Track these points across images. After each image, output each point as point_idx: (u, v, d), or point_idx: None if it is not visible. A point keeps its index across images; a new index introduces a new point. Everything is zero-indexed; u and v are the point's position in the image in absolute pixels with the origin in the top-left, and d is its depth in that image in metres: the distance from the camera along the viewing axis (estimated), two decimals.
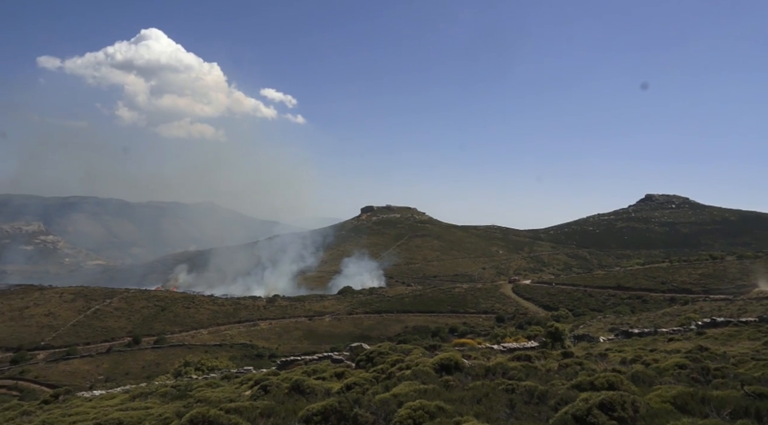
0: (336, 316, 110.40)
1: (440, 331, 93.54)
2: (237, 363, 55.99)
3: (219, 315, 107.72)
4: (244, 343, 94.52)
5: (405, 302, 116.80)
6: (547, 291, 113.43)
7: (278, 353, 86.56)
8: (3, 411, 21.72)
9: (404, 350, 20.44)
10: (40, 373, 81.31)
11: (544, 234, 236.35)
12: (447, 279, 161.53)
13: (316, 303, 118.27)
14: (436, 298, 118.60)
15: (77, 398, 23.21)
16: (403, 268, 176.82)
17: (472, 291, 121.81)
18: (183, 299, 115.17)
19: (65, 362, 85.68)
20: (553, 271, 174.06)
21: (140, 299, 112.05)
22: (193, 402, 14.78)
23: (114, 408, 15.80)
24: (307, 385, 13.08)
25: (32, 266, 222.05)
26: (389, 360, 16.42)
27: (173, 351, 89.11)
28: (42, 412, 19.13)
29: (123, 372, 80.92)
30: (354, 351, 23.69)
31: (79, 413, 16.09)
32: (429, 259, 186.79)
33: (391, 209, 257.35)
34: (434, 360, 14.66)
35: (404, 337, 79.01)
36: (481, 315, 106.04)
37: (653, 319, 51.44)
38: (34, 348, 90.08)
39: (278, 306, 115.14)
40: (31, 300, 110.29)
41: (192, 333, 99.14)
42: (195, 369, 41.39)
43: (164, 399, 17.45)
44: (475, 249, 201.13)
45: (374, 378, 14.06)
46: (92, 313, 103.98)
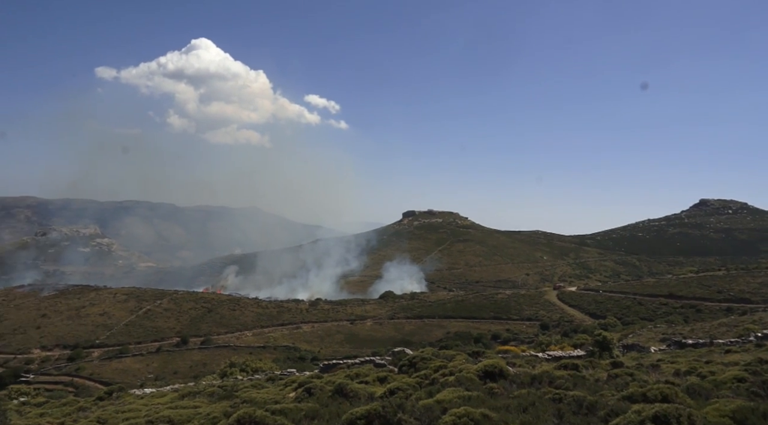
0: (377, 320, 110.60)
1: (482, 337, 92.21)
2: (280, 365, 56.85)
3: (263, 318, 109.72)
4: (287, 345, 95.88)
5: (447, 307, 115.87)
6: (594, 299, 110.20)
7: (320, 356, 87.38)
8: (61, 407, 22.77)
9: (447, 356, 20.26)
10: (94, 371, 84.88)
11: (590, 240, 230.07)
12: (489, 285, 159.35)
13: (357, 307, 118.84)
14: (478, 304, 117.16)
15: (129, 395, 24.09)
16: (444, 273, 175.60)
17: (516, 297, 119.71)
18: (229, 302, 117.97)
19: (118, 360, 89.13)
20: (600, 278, 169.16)
21: (188, 301, 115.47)
22: (239, 403, 15.10)
23: (164, 406, 16.31)
24: (350, 389, 13.15)
25: (89, 268, 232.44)
26: (432, 366, 16.30)
27: (219, 351, 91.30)
28: (97, 408, 19.95)
29: (171, 371, 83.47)
30: (396, 356, 23.65)
31: (131, 410, 16.70)
32: (471, 264, 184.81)
33: (432, 214, 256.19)
34: (478, 367, 14.47)
35: (446, 343, 78.35)
36: (525, 322, 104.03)
37: (708, 329, 49.15)
38: (89, 346, 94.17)
39: (320, 310, 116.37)
40: (87, 300, 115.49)
41: (237, 335, 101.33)
42: (240, 370, 42.27)
43: (211, 398, 17.89)
44: (519, 255, 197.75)
45: (417, 383, 13.99)
46: (143, 313, 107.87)
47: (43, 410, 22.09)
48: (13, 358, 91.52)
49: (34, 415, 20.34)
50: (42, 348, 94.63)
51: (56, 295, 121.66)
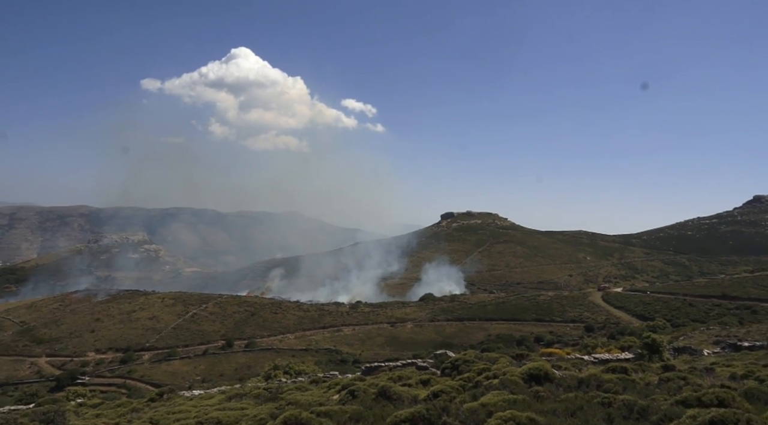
0: (418, 323, 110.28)
1: (525, 340, 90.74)
2: (322, 367, 57.41)
3: (304, 321, 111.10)
4: (328, 348, 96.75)
5: (487, 309, 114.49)
6: (641, 300, 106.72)
7: (361, 358, 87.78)
8: (116, 408, 23.69)
9: (490, 358, 20.04)
10: (145, 373, 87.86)
11: (636, 239, 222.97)
12: (531, 286, 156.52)
13: (397, 310, 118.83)
14: (520, 306, 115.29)
15: (179, 397, 24.84)
16: (484, 275, 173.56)
17: (559, 299, 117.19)
18: (271, 305, 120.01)
19: (167, 362, 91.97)
20: (647, 278, 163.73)
21: (232, 305, 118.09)
22: (284, 405, 15.35)
23: (213, 408, 16.76)
24: (393, 391, 13.18)
25: (138, 273, 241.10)
26: (475, 369, 16.16)
27: (263, 354, 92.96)
28: (149, 409, 20.66)
29: (218, 373, 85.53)
30: (438, 359, 23.55)
31: (181, 411, 17.22)
32: (512, 265, 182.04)
33: (471, 215, 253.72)
34: (522, 370, 14.25)
35: (488, 345, 77.45)
36: (569, 324, 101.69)
37: (766, 331, 46.88)
38: (140, 349, 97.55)
39: (361, 312, 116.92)
40: (137, 305, 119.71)
41: (280, 338, 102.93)
42: (284, 372, 42.93)
43: (257, 400, 18.25)
44: (561, 256, 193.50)
45: (461, 386, 13.89)
46: (190, 317, 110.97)
47: (98, 411, 23.04)
48: (69, 361, 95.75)
49: (91, 416, 21.23)
50: (96, 351, 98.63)
51: (109, 300, 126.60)
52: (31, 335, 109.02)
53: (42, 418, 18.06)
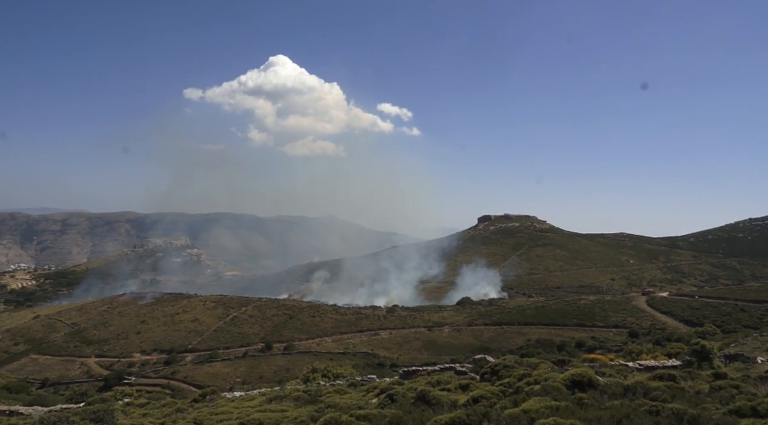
0: (455, 327, 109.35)
1: (566, 345, 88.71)
2: (360, 371, 57.53)
3: (342, 324, 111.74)
4: (365, 352, 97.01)
5: (526, 314, 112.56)
6: (689, 305, 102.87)
7: (399, 362, 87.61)
8: (161, 408, 24.36)
9: (530, 364, 19.67)
10: (188, 374, 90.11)
11: (682, 242, 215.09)
12: (571, 290, 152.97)
13: (434, 314, 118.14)
14: (560, 310, 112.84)
15: (221, 398, 25.35)
16: (523, 279, 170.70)
17: (600, 303, 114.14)
18: (309, 308, 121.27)
19: (209, 364, 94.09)
20: (694, 282, 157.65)
21: (271, 308, 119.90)
22: (323, 407, 15.46)
23: (254, 410, 17.02)
24: (432, 396, 13.09)
25: (181, 277, 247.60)
26: (516, 374, 15.89)
27: (301, 357, 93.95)
28: (193, 410, 21.17)
29: (257, 375, 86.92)
30: (477, 363, 23.27)
31: (224, 412, 17.58)
32: (551, 269, 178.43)
33: (509, 218, 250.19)
34: (565, 376, 13.92)
35: (527, 350, 76.12)
36: (611, 330, 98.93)
37: None
38: (183, 350, 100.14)
39: (398, 316, 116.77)
40: (180, 307, 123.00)
41: (317, 341, 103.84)
42: (322, 375, 43.25)
43: (297, 403, 18.44)
44: (603, 259, 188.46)
45: (501, 391, 13.68)
46: (230, 320, 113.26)
47: (145, 410, 23.75)
48: (117, 361, 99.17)
49: (138, 415, 21.91)
50: (142, 352, 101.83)
51: (153, 303, 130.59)
52: (81, 336, 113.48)
53: (92, 417, 18.73)
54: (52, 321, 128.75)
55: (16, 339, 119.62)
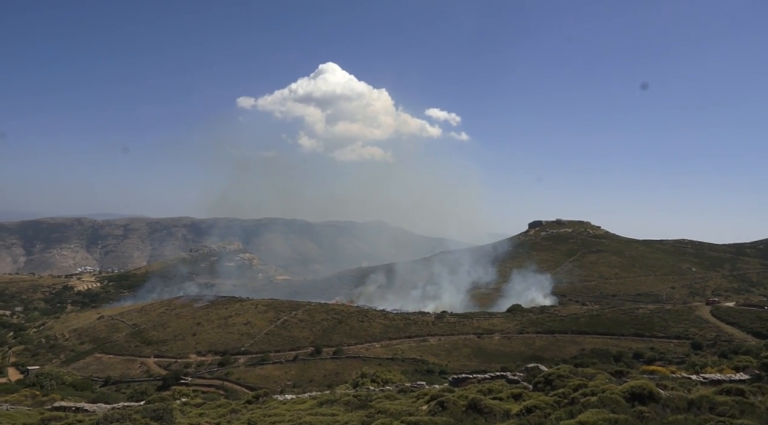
0: (505, 335, 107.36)
1: (623, 356, 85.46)
2: (409, 377, 57.33)
3: (390, 330, 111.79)
4: (414, 358, 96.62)
5: (580, 322, 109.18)
6: (758, 315, 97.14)
7: (448, 369, 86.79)
8: (216, 408, 25.09)
9: (586, 374, 19.03)
10: (241, 375, 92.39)
11: (750, 249, 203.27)
12: (628, 299, 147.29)
13: (484, 321, 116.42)
14: (616, 319, 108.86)
15: (273, 400, 25.84)
16: (576, 286, 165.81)
17: (660, 313, 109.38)
18: (357, 313, 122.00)
19: (260, 367, 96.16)
20: (764, 292, 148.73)
21: (320, 312, 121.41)
22: (374, 413, 15.48)
23: (305, 413, 17.25)
24: (484, 404, 12.86)
25: (234, 280, 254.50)
26: (570, 384, 15.40)
27: (350, 362, 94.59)
28: (246, 411, 21.67)
29: (307, 379, 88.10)
30: (530, 372, 22.73)
31: (276, 414, 17.90)
32: (606, 276, 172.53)
33: (561, 224, 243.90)
34: (624, 388, 13.38)
35: (581, 360, 73.74)
36: (672, 341, 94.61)
37: None
38: (236, 352, 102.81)
39: (446, 323, 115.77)
40: (233, 310, 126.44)
41: (366, 346, 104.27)
42: (371, 380, 43.32)
43: (347, 407, 18.56)
44: (662, 266, 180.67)
45: (555, 402, 13.29)
46: (281, 323, 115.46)
47: (201, 410, 24.52)
48: (174, 362, 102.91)
49: (195, 415, 22.64)
50: (197, 354, 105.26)
51: (208, 305, 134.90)
52: (141, 336, 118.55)
53: (152, 415, 19.49)
54: (114, 321, 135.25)
55: (82, 339, 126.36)
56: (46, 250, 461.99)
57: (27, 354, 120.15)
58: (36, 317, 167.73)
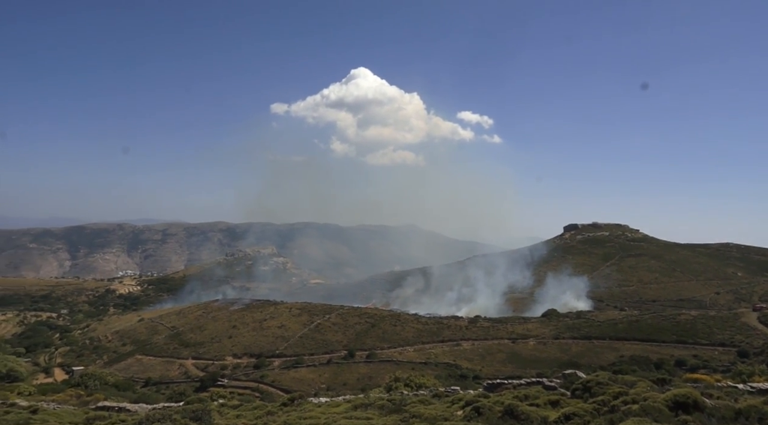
0: (541, 340, 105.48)
1: (664, 363, 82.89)
2: (443, 381, 56.97)
3: (423, 334, 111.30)
4: (447, 363, 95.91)
5: (618, 328, 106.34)
6: None
7: (482, 374, 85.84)
8: (252, 410, 25.46)
9: (626, 381, 18.53)
10: (275, 378, 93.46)
11: None
12: (669, 304, 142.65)
13: (518, 326, 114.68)
14: (656, 325, 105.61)
15: (308, 403, 26.06)
16: (614, 290, 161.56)
17: (703, 319, 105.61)
18: (390, 317, 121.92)
19: (295, 370, 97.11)
20: None
21: (353, 316, 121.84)
22: (408, 417, 15.44)
23: (340, 416, 17.33)
24: (521, 411, 12.67)
25: (268, 284, 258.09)
26: (610, 392, 15.01)
27: (383, 366, 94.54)
28: (282, 413, 21.92)
29: (341, 382, 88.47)
30: (567, 379, 22.27)
31: (311, 417, 18.04)
32: (646, 281, 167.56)
33: (597, 227, 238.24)
34: (667, 396, 12.98)
35: (620, 367, 71.87)
36: (717, 348, 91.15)
37: None
38: (270, 355, 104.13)
39: (480, 327, 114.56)
40: (268, 314, 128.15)
41: (399, 350, 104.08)
42: (404, 384, 43.22)
43: (382, 411, 18.56)
44: (705, 271, 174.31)
45: (594, 409, 12.99)
46: (314, 327, 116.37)
47: (238, 412, 24.92)
48: (211, 364, 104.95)
49: (232, 416, 23.03)
50: (233, 356, 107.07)
51: (243, 309, 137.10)
52: (179, 339, 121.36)
53: (192, 416, 19.91)
54: (154, 323, 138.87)
55: (124, 340, 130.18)
56: (90, 254, 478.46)
57: (72, 355, 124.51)
58: (80, 320, 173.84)
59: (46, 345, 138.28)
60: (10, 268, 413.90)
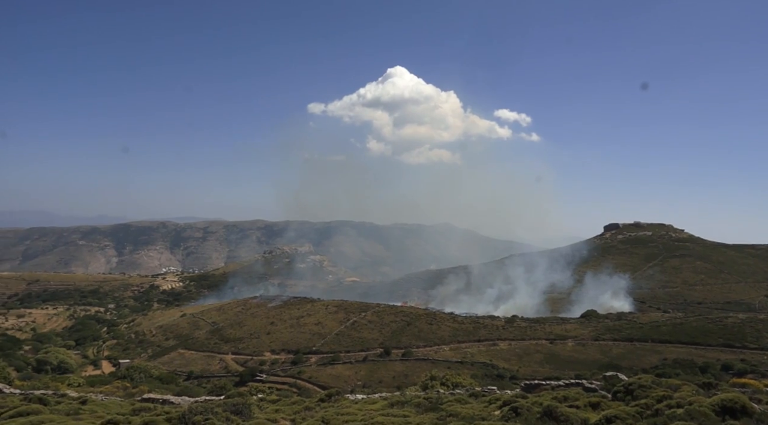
0: (579, 341, 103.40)
1: (710, 367, 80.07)
2: (479, 381, 56.54)
3: (459, 333, 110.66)
4: (484, 362, 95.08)
5: (662, 330, 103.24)
6: None
7: (519, 375, 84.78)
8: (291, 405, 25.93)
9: (670, 385, 18.04)
10: (312, 374, 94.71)
11: None
12: (716, 307, 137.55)
13: (557, 326, 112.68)
14: (702, 328, 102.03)
15: (345, 399, 26.37)
16: (657, 292, 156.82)
17: (752, 322, 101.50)
18: (426, 316, 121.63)
19: (331, 366, 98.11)
20: None
21: (389, 314, 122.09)
22: (445, 416, 15.46)
23: (377, 413, 17.50)
24: (560, 412, 12.53)
25: (305, 282, 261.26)
26: (654, 395, 14.66)
27: (419, 364, 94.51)
28: (320, 409, 22.26)
29: (377, 379, 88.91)
30: (608, 381, 21.83)
31: (349, 413, 18.27)
32: (690, 283, 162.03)
33: (640, 226, 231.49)
34: (713, 401, 12.60)
35: (663, 370, 69.87)
36: (766, 352, 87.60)
37: None
38: (307, 352, 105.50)
39: (517, 327, 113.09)
40: (305, 311, 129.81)
41: (435, 349, 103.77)
42: (441, 383, 43.14)
43: (418, 409, 18.64)
44: (754, 272, 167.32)
45: (637, 413, 12.71)
46: (351, 324, 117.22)
47: (277, 407, 25.43)
48: (250, 359, 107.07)
49: (271, 410, 23.53)
50: (271, 352, 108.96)
51: (281, 306, 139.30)
52: (220, 334, 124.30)
53: (233, 409, 20.46)
54: (196, 319, 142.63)
55: (167, 335, 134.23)
56: (135, 251, 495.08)
57: (119, 348, 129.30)
58: (126, 314, 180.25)
59: (95, 338, 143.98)
60: (61, 264, 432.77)
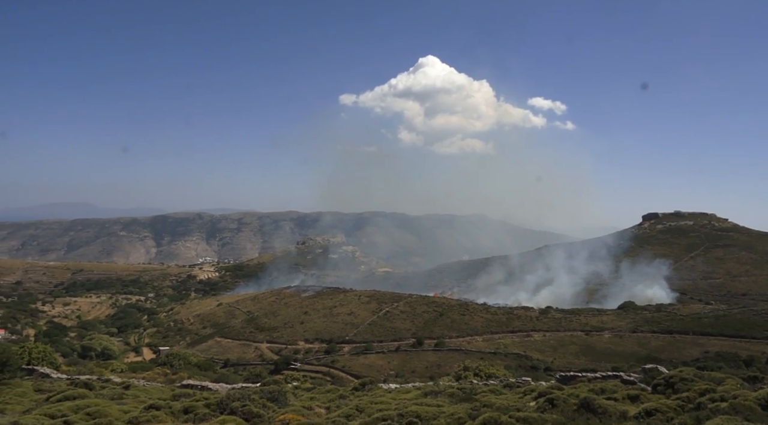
0: (617, 333, 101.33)
1: (755, 361, 77.36)
2: (513, 372, 56.11)
3: (492, 324, 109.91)
4: (517, 353, 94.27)
5: (703, 322, 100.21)
6: None
7: (553, 366, 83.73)
8: (325, 393, 26.28)
9: (713, 378, 17.46)
10: (345, 363, 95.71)
11: None
12: (762, 299, 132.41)
13: (593, 317, 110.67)
14: (746, 320, 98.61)
15: (379, 388, 26.54)
16: (698, 283, 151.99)
17: None
18: (458, 306, 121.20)
19: (364, 356, 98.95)
20: None
21: (421, 304, 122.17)
22: (479, 406, 15.36)
23: (411, 402, 17.53)
24: (598, 404, 12.27)
25: (338, 272, 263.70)
26: (696, 388, 14.22)
27: (451, 354, 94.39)
28: (354, 397, 22.48)
29: (410, 369, 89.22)
30: (648, 374, 21.30)
31: (382, 402, 18.37)
32: (735, 274, 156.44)
33: (680, 216, 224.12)
34: (759, 395, 12.13)
35: (705, 363, 67.80)
36: None
37: None
38: (340, 341, 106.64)
39: (552, 318, 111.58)
40: (338, 301, 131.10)
41: (467, 339, 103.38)
42: (474, 374, 43.04)
43: (452, 399, 18.60)
44: None
45: (679, 406, 12.35)
46: (383, 314, 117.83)
47: (312, 395, 25.81)
48: (284, 348, 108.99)
49: (306, 398, 23.89)
50: (305, 341, 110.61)
51: (314, 296, 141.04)
52: (255, 323, 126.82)
53: (269, 396, 20.85)
54: (231, 308, 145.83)
55: (204, 324, 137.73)
56: (173, 242, 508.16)
57: (158, 336, 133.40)
58: (165, 303, 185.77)
59: (136, 326, 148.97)
60: (103, 254, 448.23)
